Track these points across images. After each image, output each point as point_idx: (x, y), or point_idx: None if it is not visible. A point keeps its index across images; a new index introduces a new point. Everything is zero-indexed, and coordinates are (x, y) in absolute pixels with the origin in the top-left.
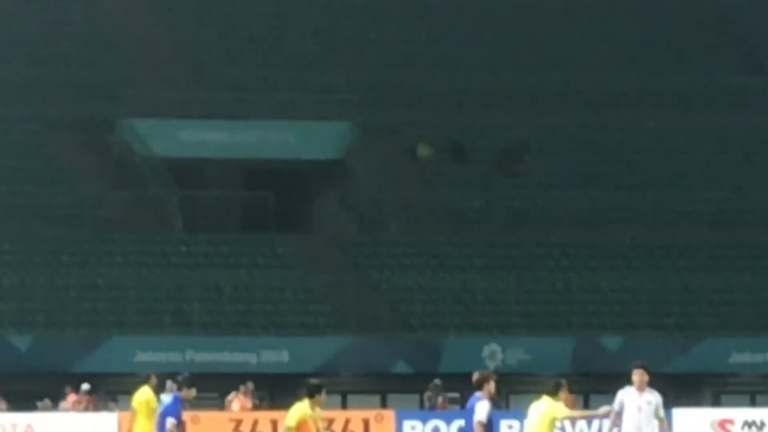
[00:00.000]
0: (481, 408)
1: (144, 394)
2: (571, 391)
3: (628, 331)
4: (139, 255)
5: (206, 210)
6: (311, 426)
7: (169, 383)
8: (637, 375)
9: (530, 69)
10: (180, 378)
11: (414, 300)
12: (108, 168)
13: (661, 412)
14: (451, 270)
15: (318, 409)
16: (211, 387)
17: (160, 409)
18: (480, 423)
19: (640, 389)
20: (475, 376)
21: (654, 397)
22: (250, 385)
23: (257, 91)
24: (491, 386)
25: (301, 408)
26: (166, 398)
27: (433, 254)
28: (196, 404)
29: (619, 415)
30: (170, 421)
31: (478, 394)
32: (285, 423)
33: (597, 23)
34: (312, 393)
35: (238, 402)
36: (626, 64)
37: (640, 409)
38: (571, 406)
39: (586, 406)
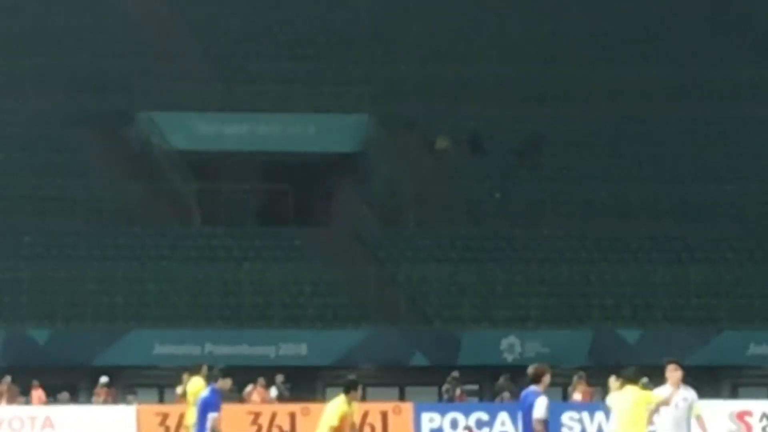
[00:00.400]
0: (541, 404)
1: (197, 385)
2: (589, 383)
3: (646, 323)
4: (158, 248)
5: (225, 203)
6: (347, 421)
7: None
8: (671, 370)
9: (548, 62)
10: (215, 370)
11: (432, 293)
12: (127, 161)
13: (698, 409)
14: (469, 263)
15: (354, 404)
16: None
17: (198, 403)
18: (539, 420)
19: (676, 385)
20: (531, 370)
21: (689, 394)
22: (280, 377)
23: (276, 84)
24: (547, 379)
25: (340, 405)
26: (204, 391)
27: (452, 247)
28: None
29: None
30: (212, 416)
31: (533, 388)
32: (327, 422)
33: (615, 16)
34: (348, 389)
35: (257, 395)
36: (644, 57)
37: (677, 405)
38: (589, 398)
39: (604, 399)
